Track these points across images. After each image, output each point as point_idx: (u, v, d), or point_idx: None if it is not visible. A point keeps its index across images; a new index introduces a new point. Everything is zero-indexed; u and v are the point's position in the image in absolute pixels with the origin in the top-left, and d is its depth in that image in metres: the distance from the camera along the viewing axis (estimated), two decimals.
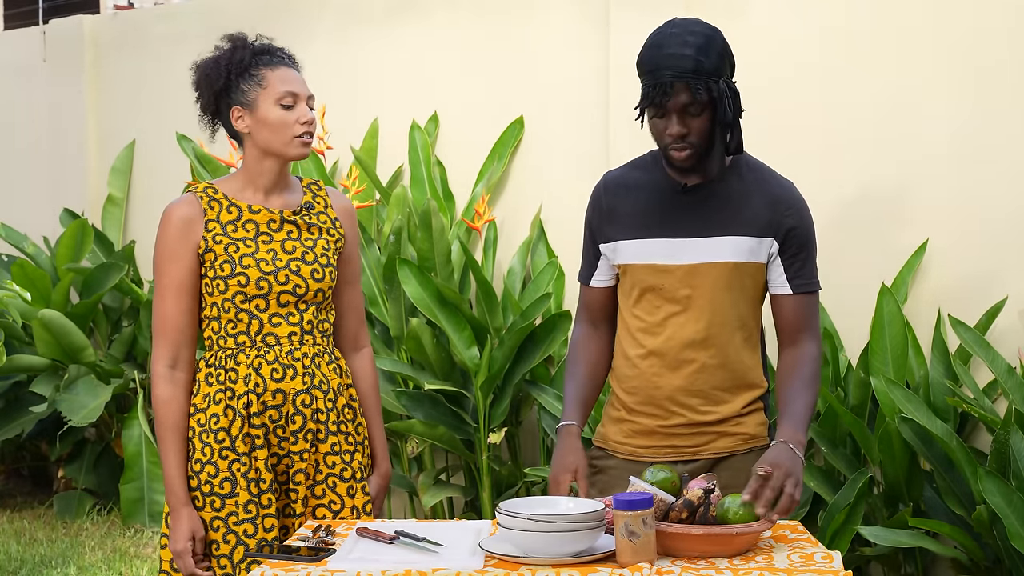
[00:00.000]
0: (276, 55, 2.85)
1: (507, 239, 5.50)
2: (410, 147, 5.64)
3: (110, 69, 7.10)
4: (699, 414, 2.77)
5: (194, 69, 2.92)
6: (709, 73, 2.62)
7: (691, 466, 2.76)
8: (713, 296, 2.73)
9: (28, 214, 7.20)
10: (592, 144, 5.18)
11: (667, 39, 2.64)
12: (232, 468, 2.77)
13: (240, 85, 2.82)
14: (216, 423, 2.78)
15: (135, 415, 5.89)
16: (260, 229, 2.82)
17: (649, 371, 2.77)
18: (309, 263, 2.82)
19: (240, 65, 2.82)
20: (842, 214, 4.54)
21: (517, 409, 5.16)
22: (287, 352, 2.81)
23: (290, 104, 2.80)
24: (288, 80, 2.82)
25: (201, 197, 2.84)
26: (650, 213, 2.76)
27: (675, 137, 2.65)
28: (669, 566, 2.30)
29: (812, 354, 2.77)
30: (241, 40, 2.88)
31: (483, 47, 5.64)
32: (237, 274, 2.78)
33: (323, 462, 2.84)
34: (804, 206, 2.79)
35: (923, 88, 4.44)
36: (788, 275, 2.77)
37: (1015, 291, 4.27)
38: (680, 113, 2.64)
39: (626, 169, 2.86)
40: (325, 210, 2.92)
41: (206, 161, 6.02)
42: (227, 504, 2.77)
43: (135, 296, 6.23)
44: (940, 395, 4.17)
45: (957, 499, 3.97)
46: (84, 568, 5.28)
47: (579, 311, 2.95)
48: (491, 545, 2.39)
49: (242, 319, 2.80)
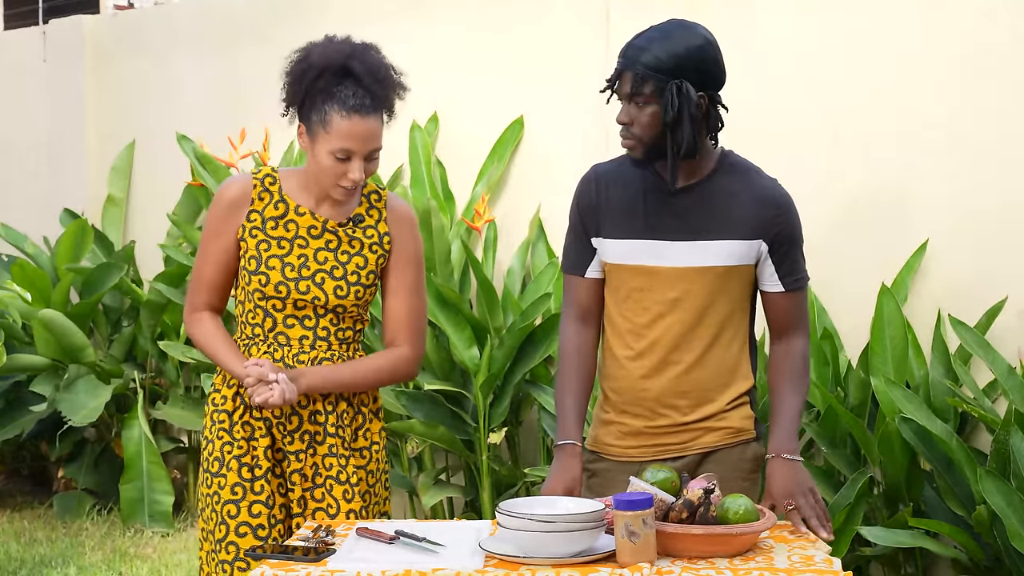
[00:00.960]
0: (356, 100, 2.75)
1: (507, 239, 5.50)
2: (410, 147, 5.64)
3: (110, 69, 7.10)
4: (684, 414, 2.78)
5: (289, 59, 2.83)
6: (660, 71, 2.64)
7: (680, 462, 2.78)
8: (702, 299, 2.73)
9: (28, 214, 7.20)
10: (592, 144, 5.18)
11: (645, 31, 2.71)
12: (223, 449, 2.83)
13: (311, 112, 2.77)
14: (223, 403, 2.86)
15: (135, 415, 5.89)
16: (298, 233, 2.83)
17: (636, 372, 2.78)
18: (336, 278, 2.82)
19: (320, 93, 2.76)
20: (842, 214, 4.54)
21: (517, 409, 5.15)
22: (294, 354, 2.83)
23: (343, 158, 2.75)
24: (351, 136, 2.74)
25: (255, 184, 2.86)
26: (639, 213, 2.76)
27: (620, 125, 2.72)
28: (669, 566, 2.30)
29: (801, 350, 2.80)
30: (334, 63, 2.78)
31: (483, 47, 5.64)
32: (260, 272, 2.81)
33: (321, 465, 2.85)
34: (790, 203, 2.80)
35: (923, 89, 4.44)
36: (780, 274, 2.78)
37: (1015, 291, 4.27)
38: (627, 102, 2.69)
39: (616, 164, 2.86)
40: (376, 224, 2.89)
41: (206, 161, 6.02)
42: (214, 483, 2.84)
43: (135, 296, 6.22)
44: (940, 395, 4.17)
45: (957, 499, 3.97)
46: (84, 568, 5.28)
47: (568, 306, 2.88)
48: (491, 545, 2.39)
49: (258, 314, 2.85)
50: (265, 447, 2.83)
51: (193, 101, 6.61)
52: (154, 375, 6.33)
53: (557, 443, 2.79)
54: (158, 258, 6.50)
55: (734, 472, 2.77)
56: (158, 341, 5.98)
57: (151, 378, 6.32)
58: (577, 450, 2.77)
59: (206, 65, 6.51)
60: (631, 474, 2.76)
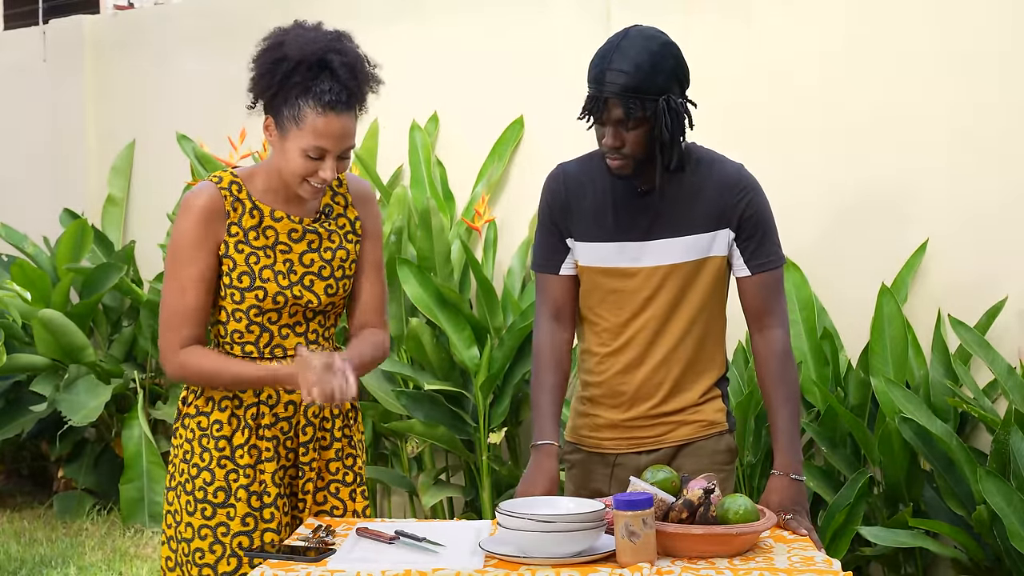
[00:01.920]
0: (332, 96, 2.60)
1: (507, 239, 5.50)
2: (410, 147, 5.64)
3: (110, 69, 7.10)
4: (658, 406, 2.79)
5: (260, 47, 2.70)
6: (648, 92, 2.63)
7: (654, 455, 2.80)
8: (675, 295, 2.75)
9: (28, 214, 7.20)
10: (592, 144, 5.15)
11: (614, 53, 2.65)
12: (228, 478, 2.69)
13: (283, 106, 2.62)
14: (218, 430, 2.71)
15: (135, 415, 5.89)
16: (279, 239, 2.71)
17: (614, 368, 2.80)
18: (324, 278, 2.74)
19: (294, 87, 2.61)
20: (842, 214, 4.54)
21: (517, 409, 5.15)
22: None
23: (315, 156, 2.62)
24: (326, 134, 2.60)
25: (225, 196, 2.69)
26: (606, 215, 2.77)
27: (610, 148, 2.68)
28: (669, 566, 2.30)
29: (781, 343, 2.78)
30: (311, 57, 2.63)
31: (483, 47, 5.64)
32: (256, 288, 2.68)
33: (326, 469, 2.80)
34: (755, 186, 2.78)
35: (923, 89, 4.44)
36: (745, 257, 2.77)
37: (1015, 291, 4.27)
38: (615, 127, 2.66)
39: (582, 162, 2.86)
40: (345, 211, 2.80)
41: (206, 161, 6.02)
42: (218, 513, 2.69)
43: (135, 296, 6.23)
44: (940, 395, 4.17)
45: (957, 499, 3.97)
46: (84, 568, 5.28)
47: (541, 304, 2.86)
48: (491, 545, 2.39)
49: (252, 331, 2.71)
50: (272, 471, 2.71)
51: (193, 101, 6.60)
52: (154, 375, 6.33)
53: (534, 443, 2.79)
54: (158, 258, 6.50)
55: (710, 464, 2.79)
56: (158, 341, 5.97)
57: (151, 378, 6.32)
58: (553, 450, 2.78)
59: (206, 65, 6.51)
60: (607, 465, 2.81)
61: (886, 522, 4.08)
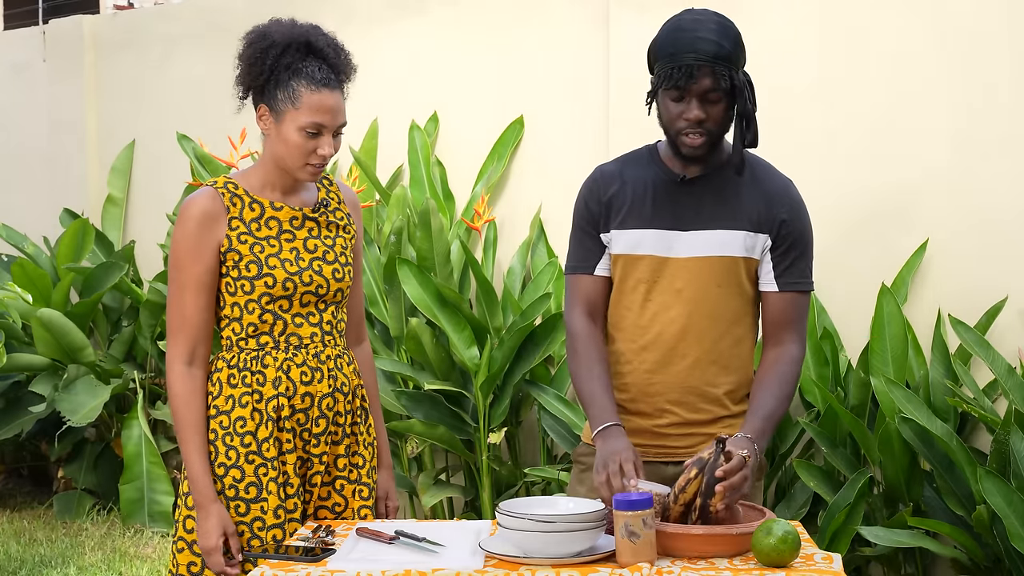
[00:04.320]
0: (322, 74, 2.70)
1: (507, 239, 5.50)
2: (410, 147, 5.64)
3: (110, 69, 7.10)
4: (691, 412, 2.75)
5: (244, 42, 2.76)
6: (730, 61, 2.62)
7: (681, 467, 2.74)
8: (706, 290, 2.71)
9: (28, 214, 7.21)
10: (592, 144, 5.18)
11: (690, 24, 2.64)
12: (258, 472, 2.71)
13: (276, 90, 2.69)
14: (242, 426, 2.73)
15: (135, 415, 5.89)
16: (283, 227, 2.77)
17: (642, 367, 2.75)
18: (330, 263, 2.79)
19: (285, 70, 2.70)
20: (842, 214, 4.54)
21: (517, 409, 5.16)
22: (314, 355, 2.77)
23: (314, 133, 2.69)
24: (322, 109, 2.68)
25: (223, 193, 2.75)
26: (645, 204, 2.74)
27: (692, 122, 2.64)
28: (669, 566, 2.30)
29: (793, 355, 2.73)
30: (298, 39, 2.72)
31: (483, 47, 5.64)
32: (264, 275, 2.72)
33: (333, 465, 2.82)
34: (800, 204, 2.78)
35: (923, 89, 4.44)
36: (776, 271, 2.74)
37: (1015, 291, 4.27)
38: (701, 98, 2.63)
39: (620, 163, 2.84)
40: (339, 205, 2.89)
41: (206, 161, 6.02)
42: (252, 509, 2.71)
43: (135, 296, 6.23)
44: (940, 395, 4.17)
45: (957, 499, 3.97)
46: (84, 568, 5.28)
47: (574, 304, 2.83)
48: (491, 545, 2.39)
49: (266, 320, 2.74)
50: (293, 462, 2.75)
51: (193, 101, 6.60)
52: (154, 375, 6.33)
53: (597, 430, 2.66)
54: (158, 258, 6.50)
55: None
56: (158, 341, 5.98)
57: (151, 378, 6.32)
58: (620, 430, 2.65)
59: (206, 65, 6.51)
60: None
61: (886, 522, 4.08)
